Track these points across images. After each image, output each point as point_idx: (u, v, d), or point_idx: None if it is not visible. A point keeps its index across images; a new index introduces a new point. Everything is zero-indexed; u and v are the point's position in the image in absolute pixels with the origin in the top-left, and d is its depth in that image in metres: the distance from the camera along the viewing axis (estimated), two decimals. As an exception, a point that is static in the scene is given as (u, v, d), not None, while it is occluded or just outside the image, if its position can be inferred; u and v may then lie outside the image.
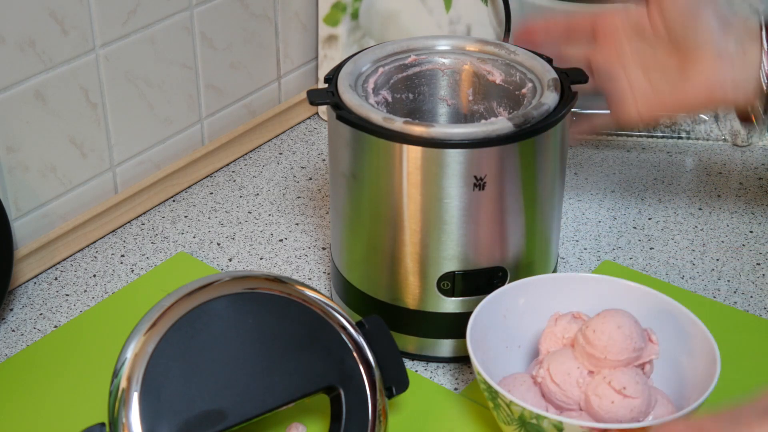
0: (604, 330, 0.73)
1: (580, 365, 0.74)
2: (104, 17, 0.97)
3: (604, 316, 0.74)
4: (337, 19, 1.17)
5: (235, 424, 0.71)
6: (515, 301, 0.81)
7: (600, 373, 0.73)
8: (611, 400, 0.71)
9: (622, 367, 0.73)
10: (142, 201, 1.06)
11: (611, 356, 0.72)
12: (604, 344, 0.72)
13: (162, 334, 0.72)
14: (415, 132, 0.77)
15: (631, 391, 0.71)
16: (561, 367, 0.74)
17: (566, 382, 0.73)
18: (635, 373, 0.73)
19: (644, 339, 0.74)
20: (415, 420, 0.81)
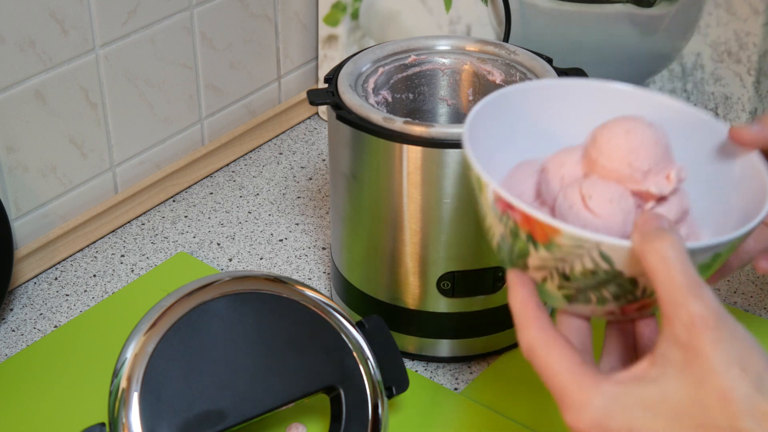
0: (611, 129, 0.60)
1: (580, 163, 0.61)
2: (104, 17, 0.97)
3: (624, 117, 0.61)
4: (337, 19, 1.17)
5: (235, 424, 0.71)
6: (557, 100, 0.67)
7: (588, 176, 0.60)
8: (570, 204, 0.59)
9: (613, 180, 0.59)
10: (142, 201, 1.06)
11: (602, 160, 0.59)
12: (602, 144, 0.59)
13: (162, 334, 0.72)
14: (415, 132, 0.77)
15: (594, 203, 0.58)
16: (561, 156, 0.62)
17: (554, 171, 0.61)
18: (619, 193, 0.59)
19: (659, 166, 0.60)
20: (415, 420, 0.81)
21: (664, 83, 1.16)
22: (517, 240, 0.57)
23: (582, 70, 0.85)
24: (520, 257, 0.58)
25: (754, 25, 1.11)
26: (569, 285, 0.58)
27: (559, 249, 0.56)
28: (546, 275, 0.58)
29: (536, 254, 0.57)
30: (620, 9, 1.12)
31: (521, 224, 0.56)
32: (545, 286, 0.59)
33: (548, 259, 0.56)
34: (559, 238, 0.55)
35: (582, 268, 0.56)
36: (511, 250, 0.58)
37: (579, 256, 0.55)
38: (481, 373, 0.85)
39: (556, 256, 0.56)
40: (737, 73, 1.13)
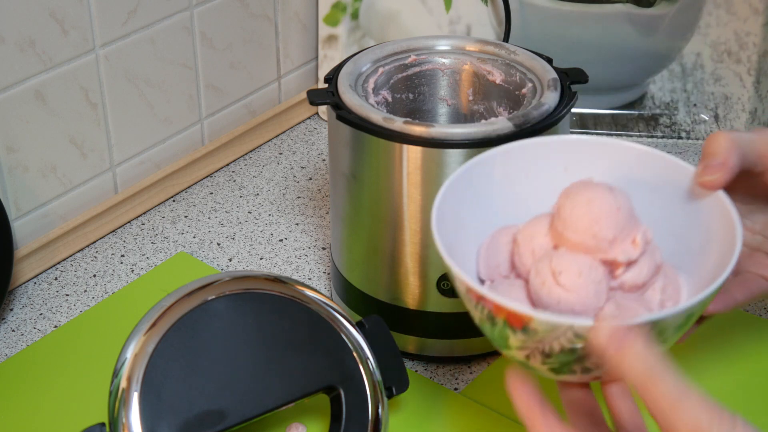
0: (573, 200, 0.60)
1: (549, 235, 0.61)
2: (104, 17, 0.97)
3: (584, 185, 0.61)
4: (337, 19, 1.17)
5: (235, 424, 0.71)
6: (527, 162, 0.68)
7: (558, 249, 0.60)
8: (542, 281, 0.59)
9: (581, 251, 0.59)
10: (142, 201, 1.06)
11: (567, 233, 0.59)
12: (566, 216, 0.60)
13: (162, 334, 0.72)
14: (415, 132, 0.77)
15: (565, 279, 0.58)
16: (530, 228, 0.62)
17: (525, 245, 0.62)
18: (589, 265, 0.59)
19: (624, 233, 0.60)
20: (415, 420, 0.81)
21: (664, 83, 1.16)
22: (494, 325, 0.58)
23: (582, 70, 0.85)
24: (502, 339, 0.59)
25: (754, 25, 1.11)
26: (552, 361, 0.58)
27: (535, 333, 0.56)
28: (529, 353, 0.58)
29: (515, 337, 0.57)
30: (620, 9, 1.12)
31: (495, 312, 0.57)
32: (530, 362, 0.59)
33: (527, 341, 0.57)
34: (533, 323, 0.56)
35: (560, 347, 0.57)
36: (492, 333, 0.59)
37: (555, 337, 0.56)
38: (481, 373, 0.85)
39: (534, 339, 0.57)
40: (737, 73, 1.13)
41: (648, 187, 0.65)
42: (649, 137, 1.18)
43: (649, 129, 1.17)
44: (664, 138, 1.17)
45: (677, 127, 1.17)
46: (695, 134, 1.17)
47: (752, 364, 0.85)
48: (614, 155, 0.66)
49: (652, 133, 1.17)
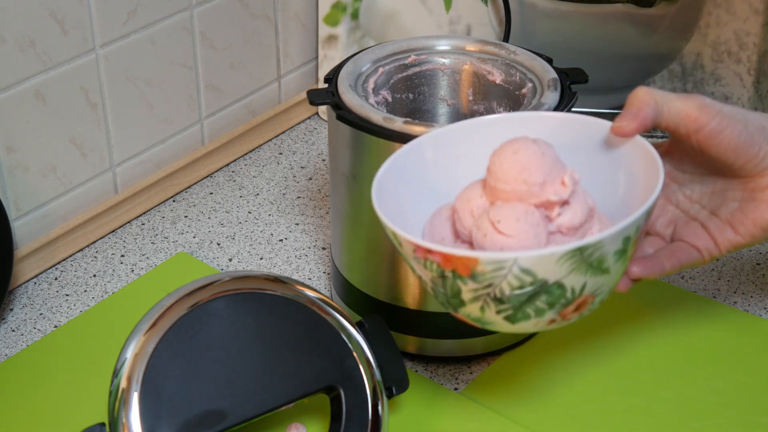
0: (500, 155, 0.64)
1: (484, 196, 0.65)
2: (104, 17, 0.97)
3: (509, 141, 0.64)
4: (337, 19, 1.17)
5: (235, 424, 0.71)
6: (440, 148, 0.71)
7: (493, 204, 0.64)
8: (484, 233, 0.62)
9: (515, 201, 0.63)
10: (142, 201, 1.06)
11: (500, 185, 0.63)
12: (496, 170, 0.63)
13: (162, 334, 0.72)
14: (415, 132, 0.77)
15: (504, 226, 0.62)
16: (465, 193, 0.66)
17: (464, 209, 0.65)
18: (524, 210, 0.62)
19: (552, 176, 0.63)
20: (415, 420, 0.81)
21: (664, 83, 1.16)
22: (445, 280, 0.60)
23: (582, 70, 0.85)
24: (455, 295, 0.61)
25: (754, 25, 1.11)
26: (505, 307, 0.60)
27: (484, 276, 0.59)
28: (482, 304, 0.61)
29: (466, 288, 0.60)
30: (620, 9, 1.12)
31: (443, 264, 0.59)
32: (485, 315, 0.61)
33: (478, 288, 0.60)
34: (479, 266, 0.58)
35: (510, 288, 0.59)
36: (446, 292, 0.62)
37: (503, 277, 0.59)
38: (481, 373, 0.85)
39: (483, 284, 0.59)
40: (737, 73, 1.13)
41: (571, 149, 0.68)
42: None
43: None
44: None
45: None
46: (695, 134, 1.17)
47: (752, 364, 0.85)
48: (535, 126, 0.70)
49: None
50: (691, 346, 0.87)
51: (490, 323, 0.63)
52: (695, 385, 0.83)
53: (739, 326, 0.89)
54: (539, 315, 0.61)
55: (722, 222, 0.72)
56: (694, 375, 0.84)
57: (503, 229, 0.61)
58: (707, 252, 0.72)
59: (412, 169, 0.70)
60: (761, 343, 0.88)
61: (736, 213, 0.72)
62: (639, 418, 0.80)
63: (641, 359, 0.86)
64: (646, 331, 0.88)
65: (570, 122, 0.70)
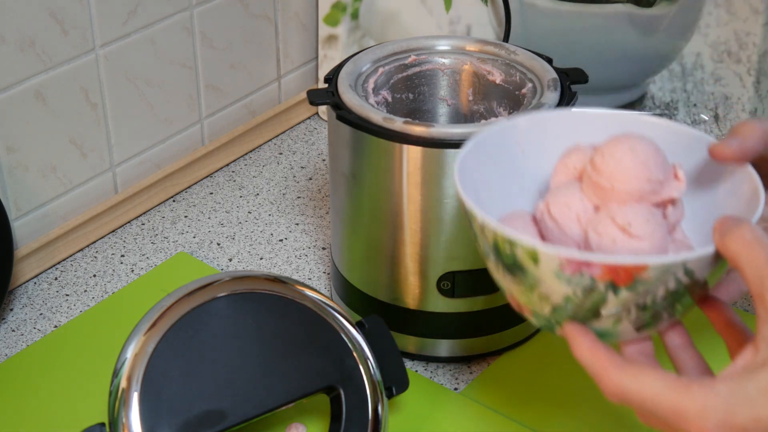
0: (614, 153, 0.59)
1: (585, 198, 0.61)
2: (104, 17, 0.97)
3: (616, 139, 0.60)
4: (337, 19, 1.17)
5: (235, 424, 0.71)
6: (530, 135, 0.67)
7: (606, 207, 0.60)
8: (612, 239, 0.58)
9: (633, 202, 0.59)
10: (142, 201, 1.06)
11: (619, 185, 0.59)
12: (611, 170, 0.59)
13: (162, 334, 0.72)
14: (415, 132, 0.77)
15: (637, 229, 0.58)
16: (561, 199, 0.61)
17: (565, 215, 0.60)
18: (648, 210, 0.59)
19: (666, 172, 0.60)
20: (415, 420, 0.81)
21: (664, 83, 1.16)
22: (591, 294, 0.57)
23: (582, 70, 0.85)
24: (591, 309, 0.58)
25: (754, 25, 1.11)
26: (644, 314, 0.58)
27: (644, 284, 0.56)
28: (621, 315, 0.57)
29: (615, 299, 0.56)
30: (620, 9, 1.12)
31: (600, 276, 0.56)
32: (616, 327, 0.58)
33: (629, 298, 0.56)
34: (646, 273, 0.55)
35: (665, 293, 0.56)
36: (578, 308, 0.58)
37: (664, 282, 0.56)
38: (481, 373, 0.85)
39: (640, 291, 0.56)
40: (737, 73, 1.13)
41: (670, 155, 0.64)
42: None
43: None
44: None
45: (677, 127, 1.17)
46: (695, 134, 1.17)
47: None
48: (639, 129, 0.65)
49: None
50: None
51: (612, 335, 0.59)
52: (695, 385, 0.83)
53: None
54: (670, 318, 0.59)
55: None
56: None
57: (636, 232, 0.58)
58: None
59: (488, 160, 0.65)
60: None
61: None
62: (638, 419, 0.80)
63: (641, 359, 0.86)
64: (646, 331, 0.88)
65: (674, 132, 0.66)
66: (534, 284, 0.58)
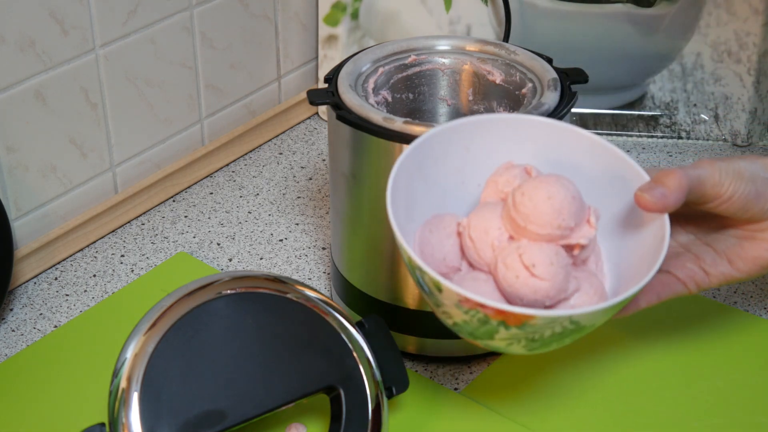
0: (532, 196, 0.64)
1: (502, 227, 0.66)
2: (104, 17, 0.97)
3: (539, 181, 0.65)
4: (337, 19, 1.17)
5: (235, 424, 0.71)
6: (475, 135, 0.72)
7: (518, 241, 0.65)
8: (516, 275, 0.64)
9: (544, 242, 0.65)
10: (142, 201, 1.06)
11: (531, 227, 0.64)
12: (528, 212, 0.64)
13: (162, 334, 0.72)
14: (415, 132, 0.77)
15: (540, 270, 0.63)
16: (481, 223, 0.66)
17: (482, 240, 0.66)
18: (555, 252, 0.64)
19: (580, 218, 0.65)
20: (415, 420, 0.81)
21: (664, 83, 1.16)
22: (485, 325, 0.63)
23: (582, 70, 0.85)
24: (486, 335, 0.64)
25: (754, 25, 1.11)
26: (535, 344, 0.64)
27: (532, 327, 0.61)
28: (512, 342, 0.64)
29: (507, 332, 0.62)
30: (620, 9, 1.12)
31: (493, 316, 0.61)
32: (509, 348, 0.65)
33: (519, 333, 0.62)
34: (534, 321, 0.61)
35: (551, 333, 0.62)
36: (475, 331, 0.64)
37: (551, 327, 0.62)
38: (481, 373, 0.85)
39: (528, 331, 0.62)
40: (737, 73, 1.13)
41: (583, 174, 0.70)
42: (649, 137, 1.18)
43: (649, 129, 1.17)
44: (664, 138, 1.17)
45: (677, 127, 1.17)
46: (695, 134, 1.17)
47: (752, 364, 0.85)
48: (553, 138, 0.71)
49: (652, 133, 1.17)
50: (690, 346, 0.87)
51: (506, 351, 0.66)
52: (695, 385, 0.83)
53: (739, 326, 0.89)
54: (560, 344, 0.65)
55: (718, 255, 0.73)
56: (694, 375, 0.84)
57: (539, 273, 0.63)
58: (694, 284, 0.73)
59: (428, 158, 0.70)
60: (761, 343, 0.88)
61: (734, 248, 0.72)
62: (639, 418, 0.80)
63: (641, 359, 0.86)
64: (646, 331, 0.88)
65: (610, 154, 0.70)
66: (439, 303, 0.64)
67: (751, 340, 0.88)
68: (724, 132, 1.17)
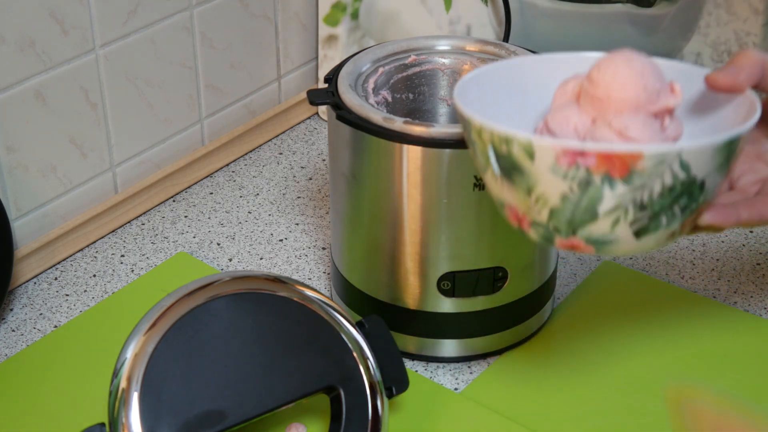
0: (609, 65, 0.61)
1: (583, 113, 0.62)
2: (104, 17, 0.97)
3: (612, 55, 0.62)
4: (337, 19, 1.17)
5: (235, 424, 0.71)
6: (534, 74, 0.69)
7: (603, 118, 0.61)
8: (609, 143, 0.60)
9: (630, 111, 0.61)
10: (142, 201, 1.06)
11: (615, 93, 0.60)
12: (608, 80, 0.61)
13: (162, 334, 0.72)
14: (415, 132, 0.77)
15: (633, 132, 0.59)
16: (560, 114, 0.62)
17: (563, 128, 0.62)
18: (645, 118, 0.60)
19: (663, 83, 0.62)
20: (415, 420, 0.81)
21: (664, 83, 1.16)
22: (587, 189, 0.57)
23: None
24: (589, 208, 0.58)
25: (754, 25, 1.11)
26: (643, 215, 0.58)
27: (640, 176, 0.56)
28: (619, 215, 0.58)
29: (612, 194, 0.57)
30: (620, 9, 1.12)
31: (596, 167, 0.56)
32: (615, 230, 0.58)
33: (625, 193, 0.57)
34: (641, 162, 0.56)
35: (661, 188, 0.57)
36: (577, 206, 0.58)
37: (660, 174, 0.56)
38: (481, 373, 0.85)
39: (636, 185, 0.56)
40: (737, 73, 1.13)
41: None
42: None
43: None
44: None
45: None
46: (695, 134, 1.17)
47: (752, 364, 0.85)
48: None
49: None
50: (691, 346, 0.87)
51: (611, 242, 0.59)
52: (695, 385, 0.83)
53: (739, 326, 0.89)
54: (669, 224, 0.59)
55: None
56: (694, 375, 0.84)
57: (633, 135, 0.59)
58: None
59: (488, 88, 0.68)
60: (761, 343, 0.88)
61: None
62: (638, 418, 0.80)
63: (641, 359, 0.86)
64: (646, 331, 0.88)
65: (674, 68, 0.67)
66: (532, 186, 0.59)
67: (751, 340, 0.88)
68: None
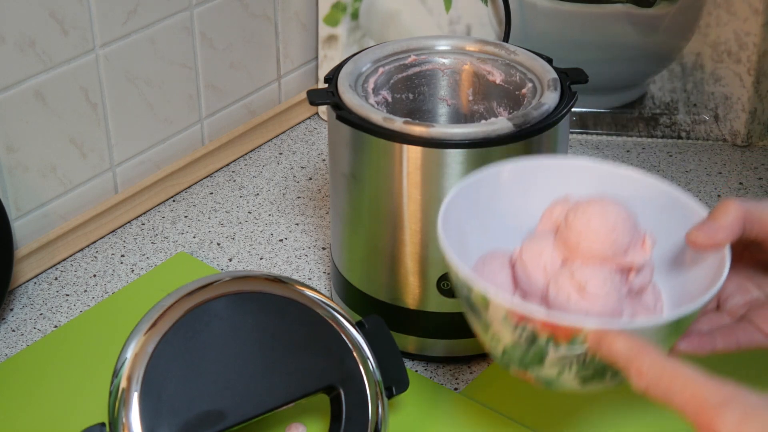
0: (585, 212, 0.62)
1: (555, 250, 0.63)
2: (104, 17, 0.97)
3: (592, 200, 0.63)
4: (337, 19, 1.17)
5: (235, 424, 0.71)
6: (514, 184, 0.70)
7: (570, 263, 0.62)
8: (567, 295, 0.61)
9: (597, 262, 0.62)
10: (142, 201, 1.06)
11: (584, 244, 0.62)
12: (580, 229, 0.62)
13: (162, 334, 0.72)
14: (415, 132, 0.77)
15: (592, 289, 0.61)
16: (534, 246, 0.64)
17: (534, 264, 0.63)
18: (608, 273, 0.61)
19: (634, 239, 0.63)
20: (415, 420, 0.81)
21: (664, 83, 1.16)
22: (534, 344, 0.59)
23: (582, 70, 0.85)
24: (536, 358, 0.60)
25: (754, 25, 1.11)
26: (587, 371, 0.60)
27: (582, 344, 0.58)
28: (564, 367, 0.60)
29: (555, 353, 0.59)
30: (620, 9, 1.12)
31: (540, 330, 0.58)
32: (560, 377, 0.61)
33: (569, 354, 0.59)
34: (582, 334, 0.57)
35: None
36: (525, 353, 0.61)
37: None
38: (481, 373, 0.85)
39: (578, 351, 0.58)
40: (737, 73, 1.13)
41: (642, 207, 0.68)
42: (649, 137, 1.18)
43: (649, 129, 1.17)
44: (664, 138, 1.17)
45: (677, 127, 1.17)
46: (695, 134, 1.17)
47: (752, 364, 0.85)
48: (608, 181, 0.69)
49: (652, 133, 1.17)
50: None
51: (559, 384, 0.62)
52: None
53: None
54: (614, 377, 0.61)
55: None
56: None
57: (591, 293, 0.61)
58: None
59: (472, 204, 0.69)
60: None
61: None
62: (638, 418, 0.80)
63: (641, 359, 0.86)
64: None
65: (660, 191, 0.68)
66: (487, 325, 0.62)
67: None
68: (724, 132, 1.17)
